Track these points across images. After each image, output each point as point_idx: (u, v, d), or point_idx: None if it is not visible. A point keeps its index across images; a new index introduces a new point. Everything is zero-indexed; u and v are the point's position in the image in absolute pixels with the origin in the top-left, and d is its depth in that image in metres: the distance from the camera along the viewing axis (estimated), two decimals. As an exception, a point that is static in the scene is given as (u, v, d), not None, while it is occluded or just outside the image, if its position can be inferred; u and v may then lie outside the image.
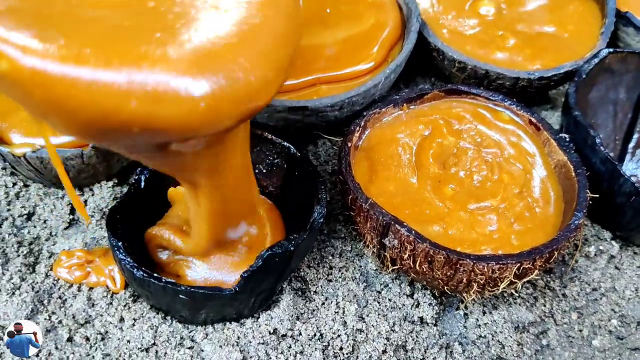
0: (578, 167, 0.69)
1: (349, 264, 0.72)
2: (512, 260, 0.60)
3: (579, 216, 0.64)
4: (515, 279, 0.61)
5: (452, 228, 0.66)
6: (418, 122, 0.74)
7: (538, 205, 0.69)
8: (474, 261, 0.59)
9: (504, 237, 0.66)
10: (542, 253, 0.60)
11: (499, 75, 0.79)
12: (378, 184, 0.69)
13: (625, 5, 0.90)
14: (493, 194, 0.69)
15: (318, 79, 0.75)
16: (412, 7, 0.81)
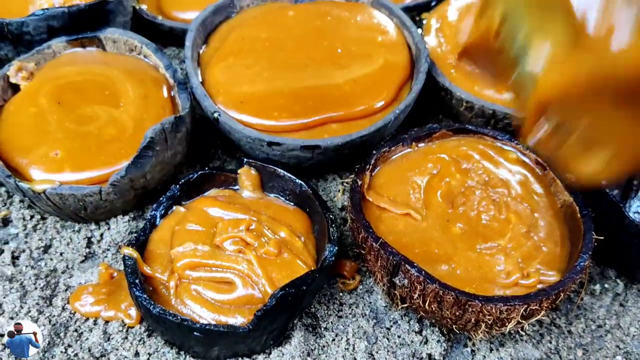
0: (584, 208, 0.70)
1: (359, 300, 0.73)
2: (520, 302, 0.61)
3: (585, 258, 0.65)
4: (522, 319, 0.62)
5: (460, 267, 0.67)
6: (427, 161, 0.76)
7: (545, 245, 0.70)
8: (482, 302, 0.61)
9: (511, 277, 0.67)
10: (548, 294, 0.62)
11: (506, 115, 0.81)
12: (387, 222, 0.71)
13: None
14: (501, 233, 0.70)
15: (329, 117, 0.77)
16: (421, 48, 0.83)
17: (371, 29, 0.86)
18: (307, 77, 0.80)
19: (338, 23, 0.87)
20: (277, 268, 0.68)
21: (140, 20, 0.97)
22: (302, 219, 0.74)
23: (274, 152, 0.76)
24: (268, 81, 0.79)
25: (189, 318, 0.62)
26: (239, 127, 0.75)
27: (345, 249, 0.77)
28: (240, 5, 0.90)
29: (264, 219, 0.72)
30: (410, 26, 0.87)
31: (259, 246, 0.69)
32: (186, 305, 0.65)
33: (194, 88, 0.78)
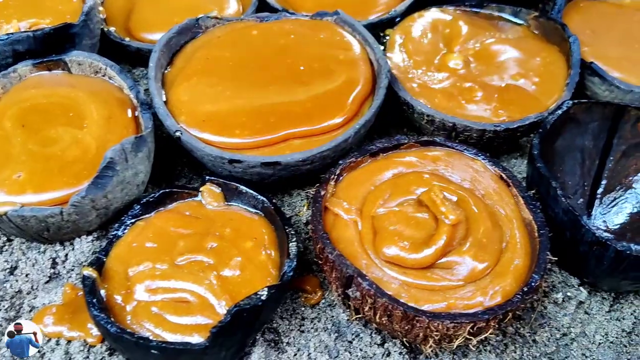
0: (541, 227, 0.71)
1: (321, 314, 0.73)
2: (466, 320, 0.62)
3: (536, 279, 0.66)
4: (470, 336, 0.63)
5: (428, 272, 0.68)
6: (392, 169, 0.77)
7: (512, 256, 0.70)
8: (429, 318, 0.61)
9: (478, 286, 0.67)
10: (496, 314, 0.62)
11: (466, 128, 0.82)
12: (340, 229, 0.71)
13: (593, 54, 0.94)
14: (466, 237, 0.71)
15: (291, 134, 0.78)
16: (382, 63, 0.85)
17: (334, 46, 0.88)
18: (269, 94, 0.81)
19: (301, 41, 0.88)
20: (237, 286, 0.68)
21: (108, 43, 0.98)
22: (268, 230, 0.74)
23: (235, 170, 0.77)
24: (230, 99, 0.80)
25: (148, 337, 0.63)
26: (200, 146, 0.76)
27: (309, 263, 0.78)
28: (205, 26, 0.92)
29: (227, 234, 0.73)
30: (372, 42, 0.88)
31: (220, 264, 0.70)
32: (144, 325, 0.65)
33: (157, 108, 0.79)
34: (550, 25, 0.95)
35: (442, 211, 0.70)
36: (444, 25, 0.96)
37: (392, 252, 0.68)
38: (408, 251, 0.68)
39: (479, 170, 0.78)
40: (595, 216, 0.86)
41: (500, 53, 0.92)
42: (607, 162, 0.86)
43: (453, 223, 0.69)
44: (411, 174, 0.76)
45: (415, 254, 0.67)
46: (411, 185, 0.75)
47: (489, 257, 0.69)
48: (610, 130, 0.85)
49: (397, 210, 0.72)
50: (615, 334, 0.77)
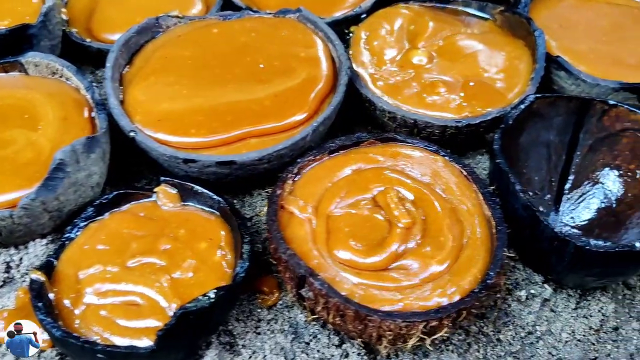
0: (500, 223, 0.70)
1: (278, 315, 0.72)
2: (419, 319, 0.60)
3: (491, 276, 0.65)
4: (424, 335, 0.62)
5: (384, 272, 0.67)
6: (351, 165, 0.76)
7: (472, 253, 0.69)
8: (381, 318, 0.60)
9: (435, 285, 0.66)
10: (449, 312, 0.61)
11: (427, 124, 0.81)
12: (296, 228, 0.70)
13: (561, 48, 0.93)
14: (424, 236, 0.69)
15: (248, 132, 0.77)
16: (342, 60, 0.83)
17: (296, 44, 0.87)
18: (227, 93, 0.80)
19: (263, 39, 0.87)
20: (190, 288, 0.67)
21: (70, 44, 0.97)
22: (224, 231, 0.73)
23: (191, 170, 0.75)
24: (187, 98, 0.79)
25: (95, 340, 0.61)
26: (155, 146, 0.75)
27: (268, 264, 0.77)
28: (166, 25, 0.90)
29: (181, 235, 0.71)
30: (334, 39, 0.87)
31: (173, 266, 0.68)
32: (92, 329, 0.64)
33: (112, 108, 0.78)
34: (515, 20, 0.93)
35: (395, 215, 0.69)
36: (409, 22, 0.95)
37: (345, 256, 0.67)
38: (361, 255, 0.67)
39: (440, 166, 0.77)
40: (563, 212, 0.85)
41: (466, 48, 0.91)
42: (574, 157, 0.85)
43: (406, 227, 0.68)
44: (370, 171, 0.75)
45: (367, 258, 0.66)
46: (369, 182, 0.74)
47: (447, 255, 0.68)
48: (576, 124, 0.84)
49: (352, 210, 0.71)
50: (583, 331, 0.76)
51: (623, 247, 0.66)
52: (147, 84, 0.81)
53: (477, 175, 0.75)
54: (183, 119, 0.77)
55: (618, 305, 0.79)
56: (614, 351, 0.76)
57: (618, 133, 0.83)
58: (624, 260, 0.67)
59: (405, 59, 0.90)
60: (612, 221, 0.82)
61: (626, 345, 0.76)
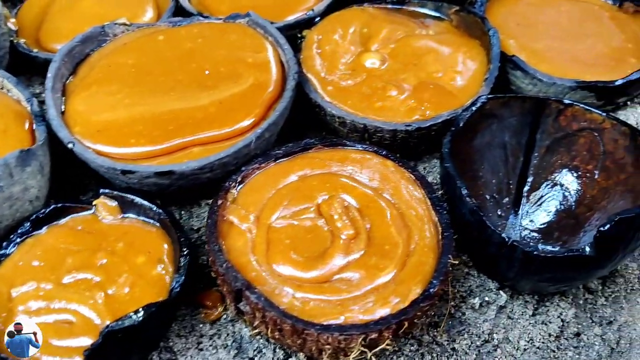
0: (446, 229, 0.67)
1: (221, 330, 0.70)
2: (357, 331, 0.58)
3: (434, 284, 0.62)
4: (365, 348, 0.59)
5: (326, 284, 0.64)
6: (296, 172, 0.74)
7: (420, 260, 0.67)
8: (318, 331, 0.58)
9: (379, 296, 0.64)
10: (389, 324, 0.59)
11: (377, 129, 0.79)
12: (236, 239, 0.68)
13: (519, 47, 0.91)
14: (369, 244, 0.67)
15: (191, 141, 0.75)
16: (290, 65, 0.81)
17: (243, 49, 0.84)
18: (170, 100, 0.78)
19: (210, 44, 0.85)
20: (125, 304, 0.65)
21: (18, 55, 0.95)
22: (166, 243, 0.70)
23: (131, 181, 0.73)
24: (128, 107, 0.77)
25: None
26: (93, 157, 0.73)
27: (211, 277, 0.74)
28: (113, 33, 0.88)
29: (119, 249, 0.69)
30: (283, 43, 0.85)
31: (108, 282, 0.66)
32: (22, 348, 0.61)
33: (51, 119, 0.76)
34: (471, 19, 0.91)
35: (338, 227, 0.67)
36: (362, 24, 0.93)
37: (284, 269, 0.64)
38: (300, 268, 0.64)
39: (388, 170, 0.74)
40: (522, 215, 0.83)
41: (420, 50, 0.89)
42: (532, 159, 0.83)
43: (349, 238, 0.66)
44: (315, 177, 0.73)
45: (307, 272, 0.64)
46: (314, 190, 0.72)
47: (393, 264, 0.65)
48: (532, 125, 0.82)
49: (294, 221, 0.68)
50: (542, 338, 0.73)
51: (572, 252, 0.63)
52: (88, 94, 0.79)
53: (426, 180, 0.73)
54: (123, 129, 0.75)
55: (579, 310, 0.77)
56: (575, 358, 0.73)
57: (575, 133, 0.81)
58: (574, 265, 0.65)
59: (358, 62, 0.87)
60: (572, 223, 0.79)
61: (588, 352, 0.74)
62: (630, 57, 0.90)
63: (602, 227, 0.62)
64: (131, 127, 0.75)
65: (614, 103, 0.90)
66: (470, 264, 0.77)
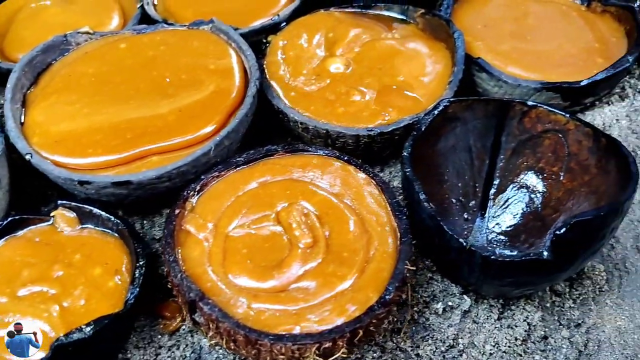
0: (404, 235, 0.67)
1: (180, 341, 0.69)
2: (311, 341, 0.57)
3: (390, 291, 0.62)
4: (320, 357, 0.58)
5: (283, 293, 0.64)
6: (258, 177, 0.73)
7: (378, 266, 0.66)
8: (271, 342, 0.57)
9: (336, 304, 0.63)
10: (343, 332, 0.58)
11: (340, 134, 0.78)
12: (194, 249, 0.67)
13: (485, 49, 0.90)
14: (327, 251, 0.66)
15: (150, 150, 0.74)
16: (252, 71, 0.81)
17: (206, 56, 0.84)
18: (129, 109, 0.77)
19: (172, 52, 0.84)
20: (80, 317, 0.64)
21: (-18, 66, 0.94)
22: (124, 253, 0.70)
23: (89, 191, 0.72)
24: (87, 117, 0.76)
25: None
26: (50, 168, 0.72)
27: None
28: (76, 42, 0.88)
29: (76, 260, 0.68)
30: (245, 50, 0.84)
31: (64, 294, 0.65)
32: (-27, 365, 0.61)
33: (9, 130, 0.75)
34: (436, 22, 0.91)
35: (296, 235, 0.66)
36: (328, 29, 0.92)
37: (240, 279, 0.64)
38: (256, 278, 0.64)
39: (350, 176, 0.74)
40: (489, 218, 0.82)
41: (385, 54, 0.88)
42: (498, 161, 0.83)
43: (307, 246, 0.65)
44: (276, 184, 0.72)
45: (264, 281, 0.63)
46: (273, 197, 0.71)
47: (351, 271, 0.65)
48: (497, 127, 0.81)
49: (252, 230, 0.68)
50: (508, 342, 0.73)
51: (530, 256, 0.63)
52: (47, 104, 0.78)
53: (387, 185, 0.73)
54: (81, 139, 0.74)
55: (545, 313, 0.76)
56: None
57: (540, 135, 0.80)
58: (534, 269, 0.64)
59: (322, 67, 0.87)
60: (539, 225, 0.79)
61: (555, 355, 0.73)
62: (597, 57, 0.90)
63: (559, 230, 0.61)
64: (89, 137, 0.74)
65: (581, 104, 0.89)
66: (434, 269, 0.76)
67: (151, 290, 0.70)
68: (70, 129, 0.75)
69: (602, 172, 0.74)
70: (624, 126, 0.91)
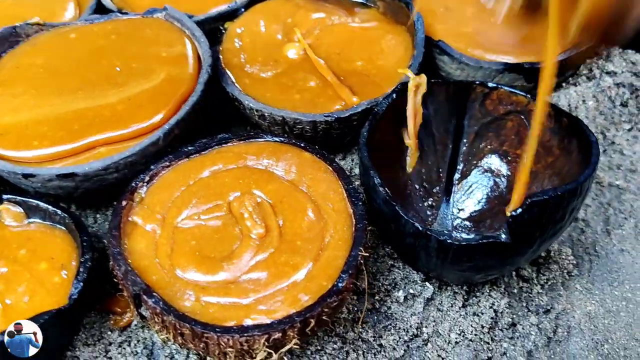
0: (359, 221, 0.65)
1: (131, 337, 0.67)
2: (259, 332, 0.55)
3: (343, 278, 0.59)
4: (271, 349, 0.56)
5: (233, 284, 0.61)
6: (210, 166, 0.71)
7: (333, 254, 0.64)
8: (217, 334, 0.55)
9: (289, 294, 0.61)
10: (293, 322, 0.56)
11: (296, 121, 0.76)
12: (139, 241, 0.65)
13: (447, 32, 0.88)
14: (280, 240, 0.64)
15: (97, 141, 0.71)
16: (205, 58, 0.78)
17: (158, 44, 0.81)
18: (77, 100, 0.74)
19: (123, 41, 0.82)
20: (24, 314, 0.61)
21: None
22: (71, 247, 0.67)
23: (35, 185, 0.70)
24: (33, 109, 0.74)
25: None
26: (-7, 162, 0.69)
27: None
28: (26, 34, 0.85)
29: (21, 256, 0.66)
30: (199, 36, 0.82)
31: (7, 291, 0.63)
32: None
33: (-48, 125, 0.72)
34: (396, 5, 0.89)
35: (248, 226, 0.64)
36: (287, 14, 0.90)
37: (189, 274, 0.61)
38: (205, 271, 0.61)
39: (306, 163, 0.72)
40: (454, 203, 0.80)
41: (344, 39, 0.86)
42: (461, 145, 0.81)
43: (259, 237, 0.63)
44: (228, 172, 0.70)
45: (213, 274, 0.61)
46: (225, 187, 0.69)
47: (305, 260, 0.63)
48: (459, 111, 0.79)
49: (202, 221, 0.65)
50: (474, 330, 0.71)
51: (487, 239, 0.61)
52: (-7, 97, 0.75)
53: (344, 172, 0.70)
54: (26, 131, 0.72)
55: (512, 299, 0.74)
56: (510, 349, 0.71)
57: (502, 117, 0.78)
58: (492, 252, 0.62)
59: (280, 53, 0.84)
60: (504, 210, 0.77)
61: (524, 342, 0.72)
62: (562, 37, 0.88)
63: (515, 211, 0.59)
64: (35, 128, 0.72)
65: (546, 85, 0.87)
66: (395, 256, 0.74)
67: (101, 285, 0.68)
68: (15, 121, 0.73)
69: (565, 153, 0.72)
70: (590, 107, 0.90)
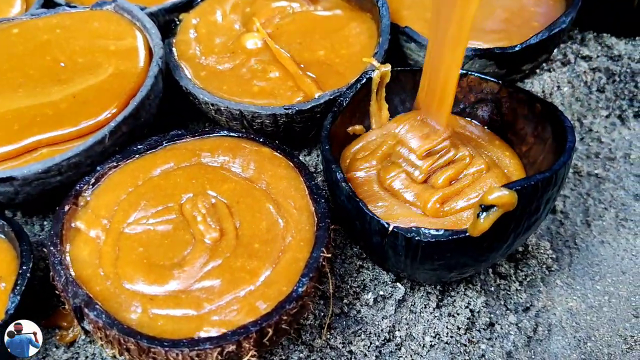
0: (321, 219, 0.60)
1: (79, 352, 0.62)
2: (210, 345, 0.50)
3: (304, 282, 0.55)
4: (228, 363, 0.52)
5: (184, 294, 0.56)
6: (161, 165, 0.66)
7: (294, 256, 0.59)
8: (165, 349, 0.50)
9: (245, 302, 0.56)
10: (248, 333, 0.51)
11: (255, 114, 0.71)
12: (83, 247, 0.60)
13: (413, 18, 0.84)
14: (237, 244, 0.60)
15: (39, 141, 0.66)
16: (155, 51, 0.73)
17: (106, 37, 0.76)
18: (17, 98, 0.69)
19: (69, 35, 0.77)
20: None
21: None
22: (11, 257, 0.62)
23: (-30, 191, 0.64)
24: (-31, 110, 0.68)
25: None
26: None
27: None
28: (-34, 30, 0.79)
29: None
30: (150, 28, 0.77)
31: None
32: None
33: None
34: (360, -9, 0.84)
35: (201, 230, 0.59)
36: (245, 3, 0.85)
37: (135, 284, 0.56)
38: (153, 280, 0.56)
39: (266, 159, 0.67)
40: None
41: (307, 27, 0.82)
42: (432, 136, 0.76)
43: (213, 241, 0.58)
44: (180, 172, 0.65)
45: (162, 283, 0.56)
46: (176, 188, 0.64)
47: (264, 264, 0.58)
48: (427, 99, 0.75)
49: (150, 227, 0.60)
50: (449, 332, 0.67)
51: (457, 234, 0.56)
52: None
53: (306, 167, 0.66)
54: (-38, 133, 0.66)
55: (489, 297, 0.70)
56: (489, 351, 0.67)
57: (474, 105, 0.74)
58: (464, 248, 0.58)
59: (238, 44, 0.80)
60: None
61: (502, 343, 0.68)
62: (534, 21, 0.84)
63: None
64: (-29, 130, 0.66)
65: (519, 71, 0.83)
66: (364, 257, 0.69)
67: (47, 297, 0.63)
68: (-50, 123, 0.67)
69: (539, 141, 0.68)
70: (566, 93, 0.86)
